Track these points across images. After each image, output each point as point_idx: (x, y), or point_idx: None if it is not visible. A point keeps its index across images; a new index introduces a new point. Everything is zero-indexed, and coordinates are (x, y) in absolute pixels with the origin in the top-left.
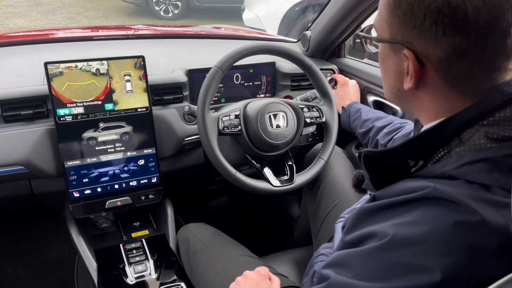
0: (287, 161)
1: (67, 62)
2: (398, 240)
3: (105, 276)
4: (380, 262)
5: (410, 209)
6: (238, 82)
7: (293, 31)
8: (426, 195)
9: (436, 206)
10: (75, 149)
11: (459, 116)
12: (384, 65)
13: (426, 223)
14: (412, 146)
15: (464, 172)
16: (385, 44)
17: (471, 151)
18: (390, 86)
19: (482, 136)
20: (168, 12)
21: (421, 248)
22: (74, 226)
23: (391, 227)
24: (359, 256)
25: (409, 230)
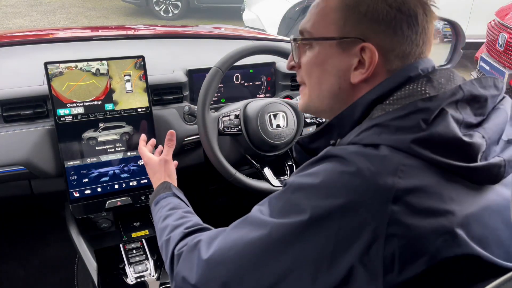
0: (287, 161)
1: (67, 62)
2: (294, 186)
3: (105, 276)
4: (282, 202)
5: (311, 166)
6: (238, 82)
7: (293, 31)
8: (323, 155)
9: (330, 161)
10: (75, 149)
11: (364, 98)
12: (323, 67)
13: (319, 174)
14: (332, 128)
15: (361, 138)
16: (328, 45)
17: (368, 121)
18: (329, 87)
19: (379, 111)
20: (168, 12)
21: (311, 191)
22: (74, 226)
23: (295, 177)
24: (273, 198)
25: (305, 178)
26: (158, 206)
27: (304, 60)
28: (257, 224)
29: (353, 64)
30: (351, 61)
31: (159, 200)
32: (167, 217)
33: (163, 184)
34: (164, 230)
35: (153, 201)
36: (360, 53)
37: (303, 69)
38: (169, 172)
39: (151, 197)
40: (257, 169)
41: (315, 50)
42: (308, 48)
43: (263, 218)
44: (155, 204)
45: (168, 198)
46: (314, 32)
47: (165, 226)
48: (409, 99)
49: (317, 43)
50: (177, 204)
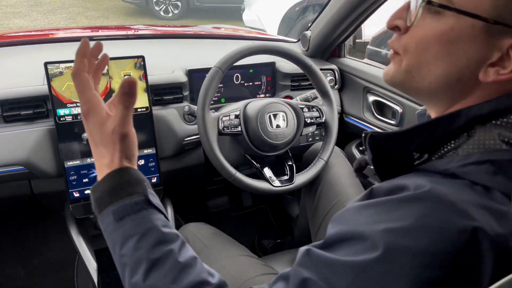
0: (287, 161)
1: (67, 62)
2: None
3: (105, 276)
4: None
5: (401, 206)
6: (238, 82)
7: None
8: (421, 194)
9: (433, 208)
10: (75, 149)
11: (471, 110)
12: (449, 47)
13: (421, 230)
14: (419, 132)
15: (468, 171)
16: (473, 22)
17: (479, 151)
18: (446, 73)
19: (494, 137)
20: (168, 12)
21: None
22: (74, 226)
23: (382, 232)
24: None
25: (401, 238)
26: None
27: (422, 27)
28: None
29: (491, 58)
30: (491, 53)
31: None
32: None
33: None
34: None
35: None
36: (507, 49)
37: (412, 37)
38: (129, 151)
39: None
40: (257, 169)
41: (447, 22)
42: (436, 15)
43: None
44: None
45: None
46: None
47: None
48: None
49: (455, 16)
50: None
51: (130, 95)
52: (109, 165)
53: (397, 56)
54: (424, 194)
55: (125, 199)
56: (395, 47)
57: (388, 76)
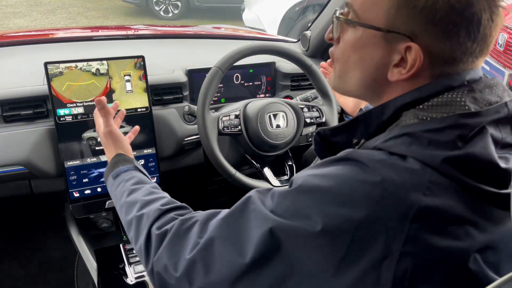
0: (287, 161)
1: (67, 62)
2: (305, 186)
3: (105, 276)
4: (290, 202)
5: (328, 165)
6: (238, 82)
7: (293, 31)
8: (343, 156)
9: (349, 164)
10: (75, 149)
11: (397, 100)
12: (361, 53)
13: (336, 177)
14: (357, 124)
15: (388, 145)
16: (374, 32)
17: (398, 128)
18: (363, 77)
19: (412, 117)
20: (168, 12)
21: (324, 196)
22: (74, 226)
23: (306, 176)
24: (279, 195)
25: (318, 180)
26: (118, 179)
27: (345, 38)
28: (260, 217)
29: (393, 61)
30: (392, 57)
31: (119, 173)
32: (133, 192)
33: (119, 156)
34: (133, 205)
35: (110, 174)
36: (404, 51)
37: (340, 47)
38: (119, 144)
39: (107, 170)
40: (257, 169)
41: (358, 33)
42: (352, 27)
43: (266, 213)
44: (113, 177)
45: (130, 171)
46: (360, 13)
47: (133, 202)
48: (445, 108)
49: (362, 27)
50: (141, 178)
51: (102, 109)
52: (110, 154)
53: (333, 64)
54: (344, 156)
55: (119, 167)
56: (332, 55)
57: (330, 82)
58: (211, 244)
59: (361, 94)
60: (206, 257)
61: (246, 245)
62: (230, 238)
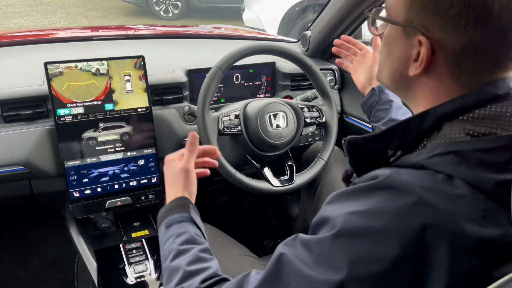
0: (287, 161)
1: (67, 62)
2: (350, 229)
3: (105, 276)
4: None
5: (366, 195)
6: (238, 82)
7: (293, 31)
8: (384, 183)
9: (392, 195)
10: (75, 149)
11: (438, 109)
12: (389, 49)
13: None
14: (393, 134)
15: (433, 162)
16: (396, 27)
17: (444, 143)
18: (391, 71)
19: (459, 131)
20: (168, 12)
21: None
22: (74, 226)
23: (345, 214)
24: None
25: (362, 220)
26: (169, 231)
27: (383, 35)
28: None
29: (413, 55)
30: (411, 51)
31: (172, 224)
32: (180, 255)
33: (180, 201)
34: (175, 273)
35: (163, 221)
36: (418, 45)
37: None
38: (189, 185)
39: (162, 214)
40: (257, 169)
41: (387, 29)
42: (386, 25)
43: (308, 273)
44: (166, 226)
45: (184, 223)
46: (389, 11)
47: (176, 268)
48: (493, 122)
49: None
50: (192, 236)
51: (193, 145)
52: (176, 191)
53: None
54: (384, 183)
55: (174, 215)
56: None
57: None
58: None
59: (392, 87)
60: None
61: None
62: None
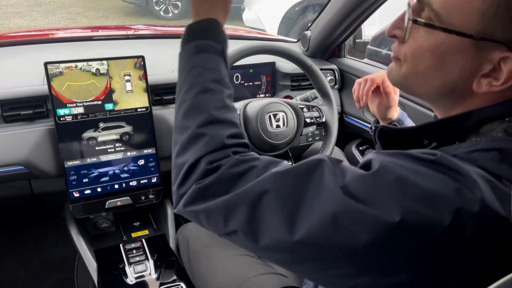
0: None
1: (67, 62)
2: (396, 175)
3: (105, 276)
4: (369, 184)
5: (419, 164)
6: (238, 82)
7: (293, 31)
8: (431, 158)
9: (440, 171)
10: (75, 149)
11: (482, 111)
12: (441, 59)
13: (431, 179)
14: (430, 129)
15: (474, 157)
16: (461, 39)
17: (486, 140)
18: (440, 83)
19: (501, 130)
20: (168, 12)
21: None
22: (74, 226)
23: (386, 161)
24: (356, 172)
25: (412, 175)
26: (198, 58)
27: (416, 39)
28: (327, 191)
29: (482, 70)
30: (482, 65)
31: (203, 51)
32: (207, 92)
33: (214, 24)
34: (199, 113)
35: (193, 42)
36: (498, 61)
37: (409, 47)
38: (228, 8)
39: (192, 30)
40: None
41: (438, 37)
42: (428, 29)
43: (336, 189)
44: (195, 50)
45: (216, 57)
46: (444, 15)
47: (201, 105)
48: None
49: (444, 32)
50: (222, 77)
51: None
52: (208, 10)
53: (398, 61)
54: (433, 158)
55: (209, 41)
56: (396, 54)
57: (390, 76)
58: (261, 197)
59: (433, 99)
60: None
61: (300, 218)
62: (285, 199)
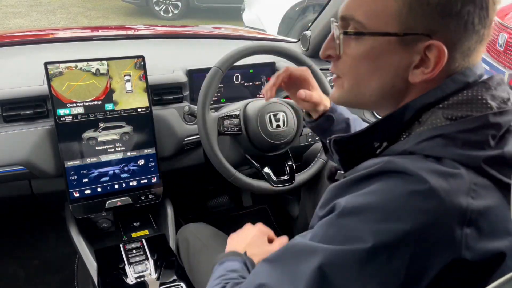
0: (287, 161)
1: (67, 62)
2: (349, 209)
3: (105, 276)
4: (336, 229)
5: (369, 182)
6: (238, 82)
7: (293, 31)
8: (382, 168)
9: (391, 178)
10: (75, 149)
11: (417, 101)
12: (375, 63)
13: (380, 192)
14: (377, 129)
15: (422, 147)
16: (388, 40)
17: (429, 129)
18: (381, 84)
19: (439, 116)
20: (168, 12)
21: (370, 214)
22: (74, 226)
23: (347, 198)
24: (323, 225)
25: (362, 199)
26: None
27: (349, 52)
28: (305, 252)
29: (413, 62)
30: (411, 59)
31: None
32: None
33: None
34: None
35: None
36: (423, 51)
37: (345, 61)
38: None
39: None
40: (257, 169)
41: (367, 44)
42: (356, 39)
43: (312, 244)
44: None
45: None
46: (367, 23)
47: None
48: (468, 106)
49: (371, 37)
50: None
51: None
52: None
53: (339, 80)
54: (381, 169)
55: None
56: (335, 72)
57: (335, 99)
58: None
59: (378, 103)
60: None
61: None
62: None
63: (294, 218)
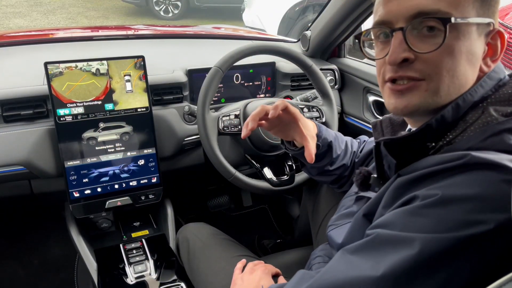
0: (287, 161)
1: (67, 62)
2: (447, 198)
3: (105, 276)
4: (426, 218)
5: (454, 175)
6: (238, 82)
7: (293, 31)
8: (467, 162)
9: (480, 170)
10: (75, 149)
11: (465, 100)
12: (459, 56)
13: (475, 184)
14: (429, 129)
15: (490, 143)
16: (469, 29)
17: (490, 125)
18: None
19: (491, 113)
20: (168, 12)
21: (471, 205)
22: (74, 226)
23: (436, 189)
24: (402, 215)
25: (458, 190)
26: None
27: (431, 49)
28: (396, 242)
29: (485, 51)
30: (484, 48)
31: None
32: None
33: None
34: None
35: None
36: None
37: (425, 61)
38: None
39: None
40: (257, 169)
41: (451, 36)
42: (435, 34)
43: (403, 234)
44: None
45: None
46: (455, 13)
47: None
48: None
49: (453, 28)
50: None
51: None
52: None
53: (418, 83)
54: (464, 161)
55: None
56: (413, 75)
57: (415, 107)
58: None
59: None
60: None
61: None
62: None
63: (294, 218)
